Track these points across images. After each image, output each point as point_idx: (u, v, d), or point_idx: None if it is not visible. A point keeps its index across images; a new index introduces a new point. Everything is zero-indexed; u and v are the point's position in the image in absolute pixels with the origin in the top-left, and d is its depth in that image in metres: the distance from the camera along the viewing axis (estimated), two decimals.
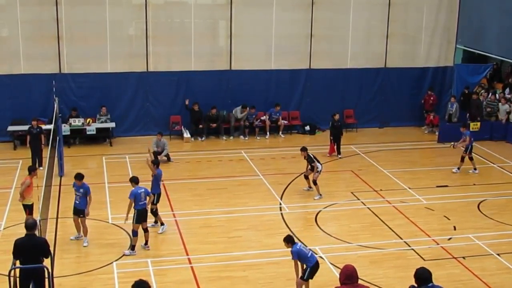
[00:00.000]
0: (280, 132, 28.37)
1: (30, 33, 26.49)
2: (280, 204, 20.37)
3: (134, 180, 16.93)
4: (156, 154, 23.58)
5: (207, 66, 27.91)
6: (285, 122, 28.60)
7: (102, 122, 26.84)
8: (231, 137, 27.91)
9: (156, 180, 18.13)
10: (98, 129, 26.40)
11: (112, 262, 16.18)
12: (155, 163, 18.30)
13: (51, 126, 23.13)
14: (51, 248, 12.90)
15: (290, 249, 14.29)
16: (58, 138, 21.97)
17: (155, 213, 18.03)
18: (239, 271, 15.95)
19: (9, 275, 11.88)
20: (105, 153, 25.41)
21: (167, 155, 24.40)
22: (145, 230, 16.84)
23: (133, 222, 16.58)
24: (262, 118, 28.19)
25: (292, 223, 18.88)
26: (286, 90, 28.85)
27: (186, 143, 27.17)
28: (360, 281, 9.60)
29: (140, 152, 25.02)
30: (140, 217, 16.61)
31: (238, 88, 28.08)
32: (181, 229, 18.39)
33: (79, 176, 17.07)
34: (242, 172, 23.34)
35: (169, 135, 27.06)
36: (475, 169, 23.59)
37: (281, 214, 19.63)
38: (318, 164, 20.64)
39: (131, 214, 16.57)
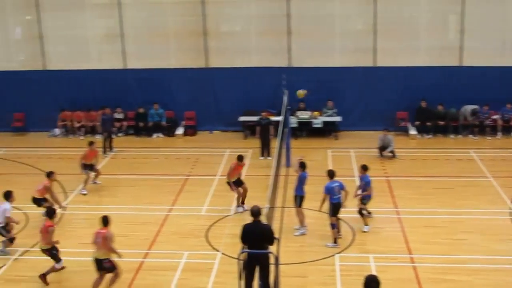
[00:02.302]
0: None
1: (262, 28, 27.59)
2: (510, 208, 19.38)
3: (330, 174, 17.06)
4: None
5: (435, 61, 27.28)
6: None
7: (328, 115, 27.26)
8: (460, 136, 27.04)
9: (300, 182, 17.75)
10: (324, 123, 26.86)
11: (334, 254, 16.38)
12: (302, 166, 17.94)
13: (279, 118, 23.87)
14: (277, 236, 13.30)
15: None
16: (286, 130, 22.62)
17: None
18: (464, 276, 15.41)
19: (238, 258, 12.44)
20: (330, 146, 25.78)
21: (392, 151, 24.22)
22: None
23: (329, 215, 16.80)
24: (493, 117, 26.99)
25: None
26: None
27: (412, 140, 26.80)
28: None
29: (365, 147, 25.14)
30: (336, 210, 16.81)
31: (468, 85, 27.08)
32: (404, 227, 18.16)
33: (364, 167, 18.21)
34: (470, 173, 22.52)
35: (395, 131, 26.80)
36: None
37: (511, 219, 18.70)
38: None
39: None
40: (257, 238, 13.15)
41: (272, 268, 13.18)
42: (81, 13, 28.33)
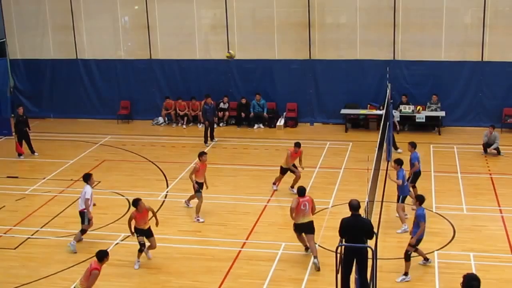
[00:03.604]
0: None
1: (367, 20, 27.36)
2: None
3: (420, 199, 15.27)
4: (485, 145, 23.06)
5: None
6: None
7: (432, 110, 26.76)
8: None
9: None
10: (427, 117, 26.39)
11: (433, 251, 16.12)
12: (398, 162, 17.40)
13: (382, 112, 23.63)
14: (375, 230, 13.22)
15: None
16: (388, 123, 22.38)
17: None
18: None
19: (336, 251, 12.46)
20: (433, 141, 25.31)
21: (497, 149, 23.54)
22: None
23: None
24: None
25: None
26: None
27: None
28: None
29: (469, 143, 24.57)
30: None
31: None
32: (508, 226, 17.64)
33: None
34: None
35: (501, 128, 25.99)
36: None
37: None
38: None
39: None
40: (356, 232, 13.10)
41: (369, 262, 13.12)
42: (188, 3, 28.87)
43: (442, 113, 26.63)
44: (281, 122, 28.10)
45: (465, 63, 26.85)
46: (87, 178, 17.21)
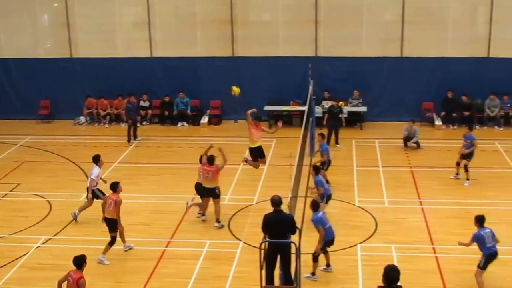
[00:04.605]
0: None
1: (289, 17, 27.57)
2: None
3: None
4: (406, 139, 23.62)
5: (463, 53, 27.01)
6: None
7: (354, 105, 27.17)
8: (485, 127, 26.82)
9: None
10: (349, 113, 26.76)
11: (356, 244, 16.38)
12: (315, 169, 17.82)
13: (304, 108, 23.84)
14: (299, 225, 13.33)
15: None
16: (311, 119, 22.59)
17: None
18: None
19: (260, 248, 12.50)
20: (355, 136, 25.72)
21: (417, 142, 24.11)
22: None
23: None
24: None
25: None
26: None
27: (437, 131, 26.65)
28: None
29: (390, 137, 25.08)
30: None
31: (496, 77, 26.75)
32: (428, 217, 18.09)
33: None
34: (495, 164, 22.38)
35: (420, 121, 26.61)
36: None
37: None
38: None
39: None
40: (279, 227, 13.17)
41: (293, 257, 13.20)
42: (109, 0, 28.47)
43: (364, 109, 27.09)
44: (205, 119, 28.04)
45: (385, 59, 27.39)
46: (96, 159, 18.00)
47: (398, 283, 9.80)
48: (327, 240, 14.87)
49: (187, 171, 21.61)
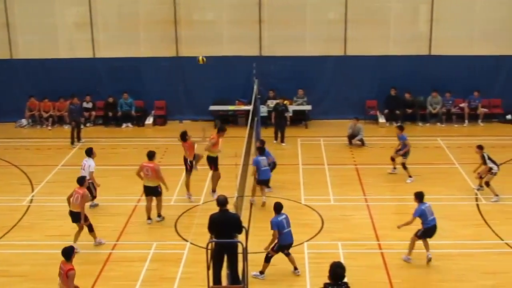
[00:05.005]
0: (480, 120, 27.31)
1: (234, 17, 27.57)
2: (476, 194, 19.62)
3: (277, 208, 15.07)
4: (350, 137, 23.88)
5: (405, 51, 27.43)
6: (485, 110, 27.42)
7: (299, 104, 27.32)
8: (427, 124, 27.29)
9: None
10: (294, 111, 26.89)
11: (303, 242, 16.46)
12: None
13: (249, 107, 23.85)
14: (246, 225, 13.32)
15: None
16: (256, 118, 22.62)
17: None
18: (431, 261, 15.61)
19: (206, 248, 12.46)
20: (300, 135, 25.85)
21: (362, 140, 24.37)
22: None
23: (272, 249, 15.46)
24: (460, 105, 27.30)
25: (489, 215, 18.16)
26: (488, 77, 27.57)
27: (381, 128, 26.98)
28: None
29: (335, 135, 25.27)
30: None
31: (437, 74, 27.26)
32: (373, 214, 18.31)
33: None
34: (437, 160, 22.78)
35: (364, 119, 26.92)
36: None
37: (477, 205, 18.93)
38: (493, 165, 19.41)
39: None
40: (225, 227, 13.15)
41: (240, 257, 13.20)
42: (50, 1, 27.99)
43: (309, 107, 27.26)
44: (149, 120, 27.82)
45: (329, 58, 27.64)
46: (89, 152, 18.55)
47: (344, 280, 9.86)
48: (283, 244, 14.84)
49: (132, 173, 21.25)
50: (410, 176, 20.71)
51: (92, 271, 15.17)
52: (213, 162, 19.32)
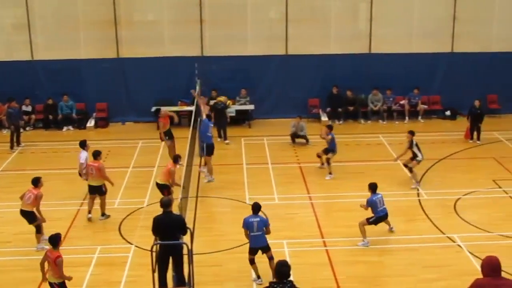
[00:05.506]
0: (420, 117, 27.80)
1: (174, 17, 27.44)
2: (418, 190, 19.96)
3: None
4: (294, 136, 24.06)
5: (346, 49, 27.73)
6: (425, 106, 27.93)
7: (241, 104, 27.35)
8: (369, 121, 27.65)
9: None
10: (237, 111, 26.91)
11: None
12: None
13: (192, 108, 23.78)
14: (191, 226, 13.28)
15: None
16: (199, 119, 22.56)
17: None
18: (375, 256, 15.84)
19: (151, 250, 12.37)
20: (244, 135, 25.88)
21: (305, 137, 24.53)
22: None
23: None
24: (401, 102, 27.74)
25: (430, 210, 18.51)
26: (427, 74, 28.12)
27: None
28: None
29: (278, 134, 25.38)
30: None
31: (377, 72, 27.63)
32: (317, 212, 18.45)
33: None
34: (379, 157, 23.06)
35: (307, 118, 27.10)
36: None
37: (419, 200, 19.27)
38: (419, 153, 19.99)
39: None
40: (169, 229, 13.09)
41: (186, 258, 13.14)
42: None
43: (251, 107, 27.32)
44: (91, 123, 27.46)
45: (271, 57, 27.73)
46: (83, 144, 19.10)
47: (290, 278, 9.90)
48: (251, 247, 14.69)
49: (75, 176, 21.05)
50: (330, 173, 20.95)
51: (35, 278, 14.84)
52: (164, 187, 18.40)
